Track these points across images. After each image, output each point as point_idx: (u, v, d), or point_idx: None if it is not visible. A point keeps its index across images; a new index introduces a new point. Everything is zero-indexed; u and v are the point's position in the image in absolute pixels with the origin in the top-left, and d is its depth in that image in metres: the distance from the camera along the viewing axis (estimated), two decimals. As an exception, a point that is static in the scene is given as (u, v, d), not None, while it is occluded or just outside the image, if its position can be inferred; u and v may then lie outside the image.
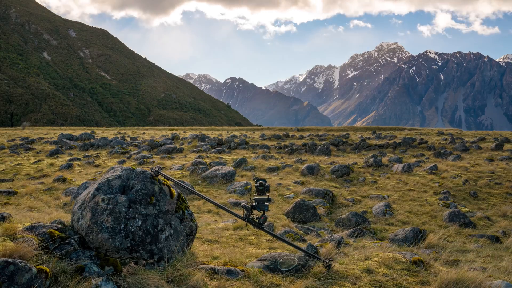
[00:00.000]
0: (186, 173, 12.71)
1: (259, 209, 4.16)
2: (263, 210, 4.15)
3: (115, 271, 3.45)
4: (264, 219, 4.09)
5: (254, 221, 4.12)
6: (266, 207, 4.17)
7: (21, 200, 9.00)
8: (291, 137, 27.43)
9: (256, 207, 4.16)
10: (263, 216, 4.11)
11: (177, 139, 25.56)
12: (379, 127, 47.40)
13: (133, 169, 4.19)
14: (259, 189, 4.26)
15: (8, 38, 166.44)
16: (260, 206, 4.16)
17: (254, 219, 4.13)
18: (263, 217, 4.10)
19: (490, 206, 9.93)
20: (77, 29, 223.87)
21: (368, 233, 7.15)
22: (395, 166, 13.59)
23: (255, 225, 4.12)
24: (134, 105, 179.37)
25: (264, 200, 4.19)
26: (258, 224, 4.10)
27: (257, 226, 4.11)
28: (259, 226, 4.11)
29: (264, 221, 4.09)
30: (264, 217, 4.11)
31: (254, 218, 4.13)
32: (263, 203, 4.17)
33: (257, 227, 4.11)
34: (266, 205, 4.18)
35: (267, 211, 4.19)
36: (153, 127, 51.55)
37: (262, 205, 4.16)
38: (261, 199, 4.19)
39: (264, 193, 4.25)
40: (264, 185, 4.26)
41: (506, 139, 24.56)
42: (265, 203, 4.18)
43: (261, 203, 4.17)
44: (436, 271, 4.21)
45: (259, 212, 4.18)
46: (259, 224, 4.10)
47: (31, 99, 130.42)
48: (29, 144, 22.46)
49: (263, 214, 4.13)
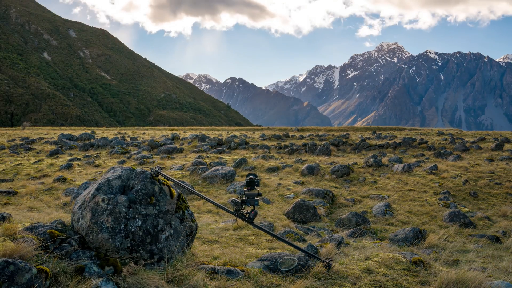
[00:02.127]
0: (186, 173, 12.71)
1: (249, 204, 4.16)
2: (253, 205, 4.15)
3: (115, 271, 3.45)
4: (254, 214, 4.09)
5: (244, 215, 4.13)
6: (257, 202, 4.17)
7: (21, 200, 9.00)
8: (291, 137, 27.43)
9: (246, 202, 4.16)
10: (253, 210, 4.11)
11: (177, 139, 25.56)
12: (379, 127, 47.41)
13: (133, 169, 4.19)
14: (249, 184, 4.26)
15: (8, 38, 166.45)
16: (250, 201, 4.16)
17: (244, 213, 4.13)
18: (253, 212, 4.10)
19: (490, 206, 9.93)
20: (77, 29, 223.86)
21: (368, 233, 7.15)
22: (395, 166, 13.59)
23: (245, 219, 4.12)
24: (134, 105, 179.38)
25: (254, 195, 4.18)
26: (248, 218, 4.11)
27: (247, 221, 4.11)
28: (249, 221, 4.11)
29: (254, 216, 4.10)
30: (254, 211, 4.11)
31: (244, 213, 4.14)
32: (253, 198, 4.16)
33: (247, 222, 4.12)
34: (257, 200, 4.18)
35: (257, 206, 4.20)
36: (153, 127, 51.56)
37: (252, 200, 4.16)
38: (251, 194, 4.18)
39: (254, 188, 4.25)
40: (254, 180, 4.26)
41: (506, 139, 24.56)
42: (255, 198, 4.17)
43: (251, 198, 4.17)
44: (436, 271, 4.20)
45: (249, 207, 4.18)
46: (249, 218, 4.10)
47: (31, 99, 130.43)
48: (29, 144, 22.47)
49: (253, 209, 4.13)
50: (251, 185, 4.25)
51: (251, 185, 4.26)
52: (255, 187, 4.26)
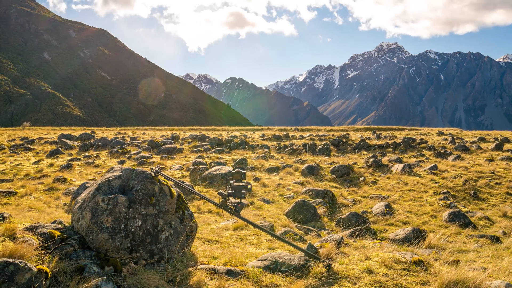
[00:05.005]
0: (186, 173, 12.71)
1: (236, 196, 4.17)
2: (239, 198, 4.17)
3: (115, 271, 3.45)
4: (241, 206, 4.12)
5: (230, 208, 4.15)
6: (243, 195, 4.18)
7: (21, 200, 9.00)
8: (291, 137, 27.43)
9: (232, 194, 4.18)
10: (240, 203, 4.13)
11: (177, 139, 25.55)
12: (379, 127, 47.38)
13: (133, 169, 4.18)
14: (236, 177, 4.27)
15: (8, 38, 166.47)
16: (236, 193, 4.18)
17: (231, 206, 4.15)
18: (239, 204, 4.12)
19: (490, 206, 9.93)
20: (77, 29, 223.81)
21: (368, 233, 7.15)
22: (395, 166, 13.59)
23: (231, 212, 4.14)
24: (134, 105, 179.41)
25: (240, 188, 4.19)
26: (234, 211, 4.13)
27: (233, 213, 4.14)
28: (235, 213, 4.13)
29: (240, 208, 4.11)
30: (240, 204, 4.13)
31: (230, 205, 4.15)
32: (240, 191, 4.18)
33: (233, 214, 4.14)
34: (243, 192, 4.19)
35: (243, 199, 4.21)
36: (153, 127, 51.55)
37: (239, 193, 4.17)
38: (237, 187, 4.19)
39: (240, 181, 4.27)
40: (241, 173, 4.27)
41: (506, 139, 24.55)
42: (241, 190, 4.19)
43: (237, 190, 4.18)
44: (436, 271, 4.20)
45: (235, 199, 4.20)
46: (235, 211, 4.12)
47: (31, 99, 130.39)
48: (29, 144, 22.45)
49: (240, 201, 4.15)
50: (238, 179, 4.27)
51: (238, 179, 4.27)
52: (242, 180, 4.27)
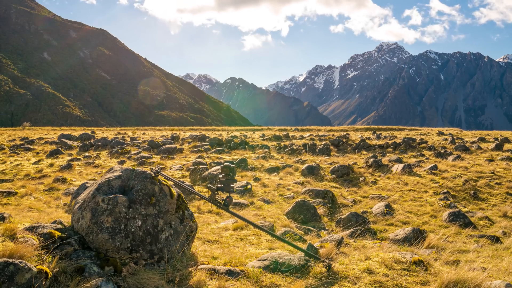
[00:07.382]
0: (186, 173, 12.71)
1: (225, 190, 4.18)
2: (228, 192, 4.18)
3: (115, 271, 3.45)
4: (229, 201, 4.13)
5: (219, 202, 4.17)
6: (232, 189, 4.19)
7: (21, 200, 9.00)
8: (291, 137, 27.43)
9: (221, 188, 4.19)
10: (229, 197, 4.15)
11: (177, 139, 25.55)
12: (379, 127, 47.37)
13: (133, 169, 4.19)
14: (224, 171, 4.29)
15: (8, 38, 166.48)
16: (225, 187, 4.19)
17: (220, 200, 4.17)
18: (228, 199, 4.14)
19: (490, 206, 9.93)
20: (77, 29, 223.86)
21: (368, 233, 7.16)
22: (395, 166, 13.59)
23: (220, 206, 4.16)
24: (134, 105, 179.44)
25: (229, 182, 4.20)
26: (223, 205, 4.15)
27: (222, 207, 4.16)
28: (224, 207, 4.15)
29: (229, 202, 4.13)
30: (229, 198, 4.14)
31: (219, 200, 4.17)
32: (229, 185, 4.19)
33: (221, 208, 4.17)
34: (232, 186, 4.20)
35: (232, 193, 4.23)
36: (153, 127, 51.55)
37: (228, 187, 4.18)
38: (226, 181, 4.20)
39: (229, 175, 4.28)
40: (229, 167, 4.29)
41: (506, 139, 24.55)
42: (230, 184, 4.20)
43: (226, 185, 4.19)
44: (436, 271, 4.20)
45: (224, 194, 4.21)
46: (224, 205, 4.14)
47: (31, 99, 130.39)
48: (29, 144, 22.45)
49: (229, 195, 4.17)
50: (227, 172, 4.28)
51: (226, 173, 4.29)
52: (231, 174, 4.29)
